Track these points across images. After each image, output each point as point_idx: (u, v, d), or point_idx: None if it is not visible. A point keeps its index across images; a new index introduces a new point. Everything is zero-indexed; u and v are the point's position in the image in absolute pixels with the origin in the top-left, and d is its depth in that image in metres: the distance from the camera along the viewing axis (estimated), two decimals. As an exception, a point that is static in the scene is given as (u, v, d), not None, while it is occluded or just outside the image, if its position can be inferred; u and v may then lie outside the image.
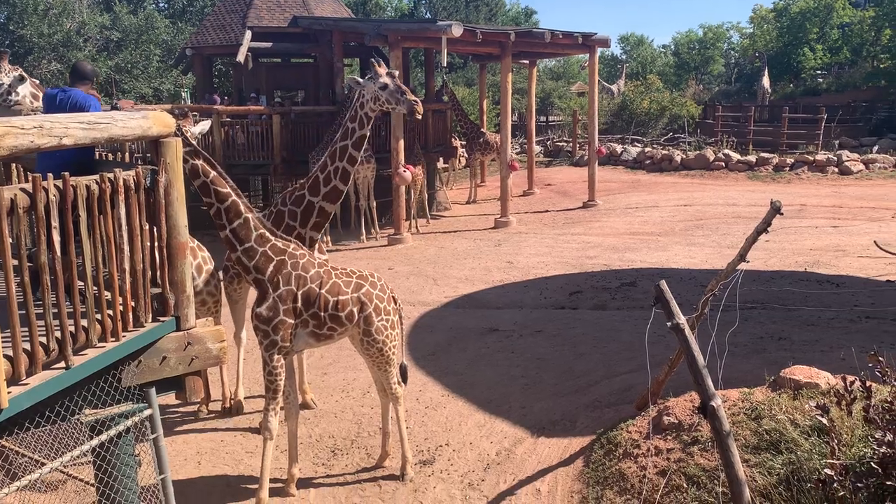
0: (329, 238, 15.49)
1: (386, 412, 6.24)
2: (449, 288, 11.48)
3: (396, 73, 6.68)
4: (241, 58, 17.47)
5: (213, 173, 5.28)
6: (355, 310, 5.59)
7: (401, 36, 14.60)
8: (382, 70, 6.42)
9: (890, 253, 11.34)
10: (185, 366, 4.57)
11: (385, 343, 5.70)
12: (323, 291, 5.48)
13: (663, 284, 4.06)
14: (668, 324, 3.95)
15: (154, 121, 4.28)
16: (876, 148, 24.94)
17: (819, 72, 35.53)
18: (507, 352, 8.67)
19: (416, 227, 16.43)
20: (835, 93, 32.93)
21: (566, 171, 25.65)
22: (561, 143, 30.27)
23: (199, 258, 6.95)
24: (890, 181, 20.24)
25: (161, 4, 39.05)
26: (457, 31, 13.91)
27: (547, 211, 18.77)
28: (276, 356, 5.44)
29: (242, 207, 5.36)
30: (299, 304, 5.45)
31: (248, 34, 17.84)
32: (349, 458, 6.51)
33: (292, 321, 5.45)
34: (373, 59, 6.75)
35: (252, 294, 6.27)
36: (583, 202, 19.02)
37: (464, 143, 22.74)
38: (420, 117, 6.87)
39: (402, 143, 14.67)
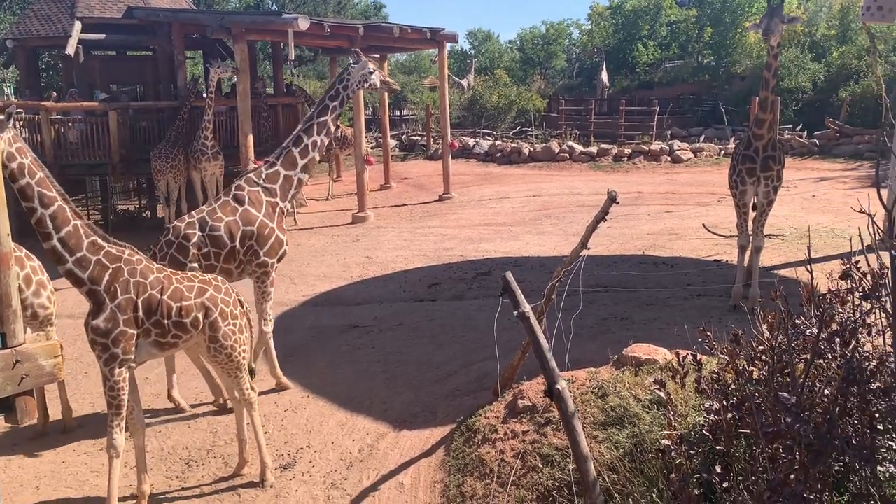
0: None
1: (241, 419, 6.04)
2: (307, 286, 11.30)
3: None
4: (70, 50, 16.27)
5: (39, 174, 4.86)
6: (200, 315, 5.36)
7: (245, 28, 14.14)
8: (368, 61, 7.68)
9: (717, 234, 12.34)
10: (14, 386, 4.21)
11: (234, 348, 5.52)
12: (165, 298, 5.22)
13: (509, 276, 4.20)
14: (515, 313, 4.10)
15: (-37, 120, 3.89)
16: (703, 137, 27.07)
17: (651, 66, 37.99)
18: (368, 348, 8.66)
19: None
20: (666, 86, 35.36)
21: (422, 165, 25.91)
22: (416, 137, 30.52)
23: (28, 268, 6.41)
24: (715, 168, 22.01)
25: (-26, -9, 35.51)
26: (303, 24, 13.66)
27: (404, 204, 18.88)
28: (117, 370, 5.12)
29: (70, 213, 4.98)
30: (140, 313, 5.15)
31: (78, 25, 16.62)
32: (205, 468, 6.26)
33: (134, 331, 5.15)
34: (357, 50, 7.76)
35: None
36: (439, 195, 19.30)
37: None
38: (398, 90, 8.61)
39: (251, 138, 14.24)
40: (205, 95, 14.98)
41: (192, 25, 16.78)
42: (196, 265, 6.92)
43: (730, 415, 3.82)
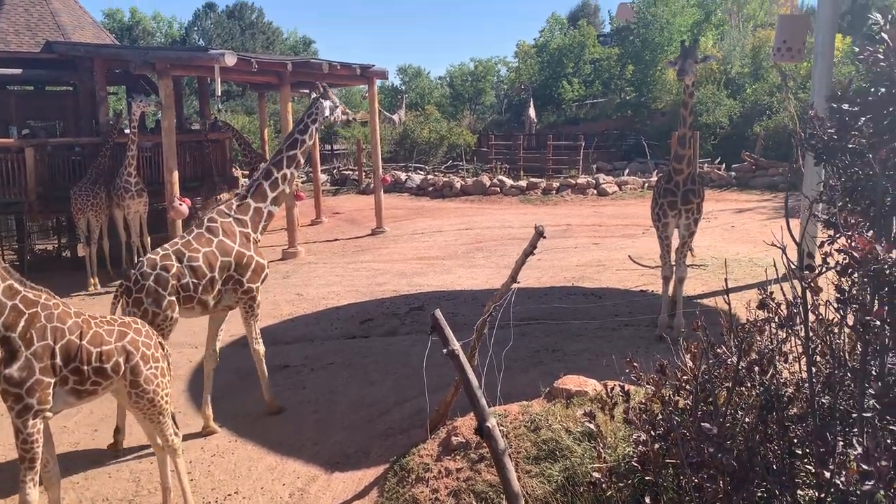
0: (97, 279, 14.27)
1: (164, 466, 5.79)
2: (233, 325, 10.92)
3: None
4: (-17, 85, 15.66)
5: None
6: (121, 360, 5.15)
7: (170, 64, 13.90)
8: (333, 95, 8.06)
9: (642, 265, 12.67)
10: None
11: (156, 393, 5.31)
12: (84, 343, 4.99)
13: (438, 313, 4.20)
14: (444, 351, 4.09)
15: None
16: (626, 171, 27.93)
17: (576, 103, 39.15)
18: (299, 388, 8.48)
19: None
20: (591, 121, 36.48)
21: (354, 200, 25.84)
22: (347, 172, 30.49)
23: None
24: (639, 200, 22.65)
25: None
26: (230, 60, 13.53)
27: (336, 239, 18.75)
28: (31, 421, 4.83)
29: None
30: (58, 360, 4.91)
31: (-8, 59, 16.06)
32: (127, 521, 5.97)
33: (50, 380, 4.89)
34: (323, 84, 8.02)
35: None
36: (371, 229, 19.25)
37: (246, 172, 22.16)
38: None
39: (175, 174, 13.92)
40: (128, 131, 14.63)
41: (115, 61, 16.43)
42: (174, 298, 6.83)
43: (657, 445, 3.89)
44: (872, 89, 3.51)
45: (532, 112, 35.33)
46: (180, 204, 13.78)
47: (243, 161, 21.78)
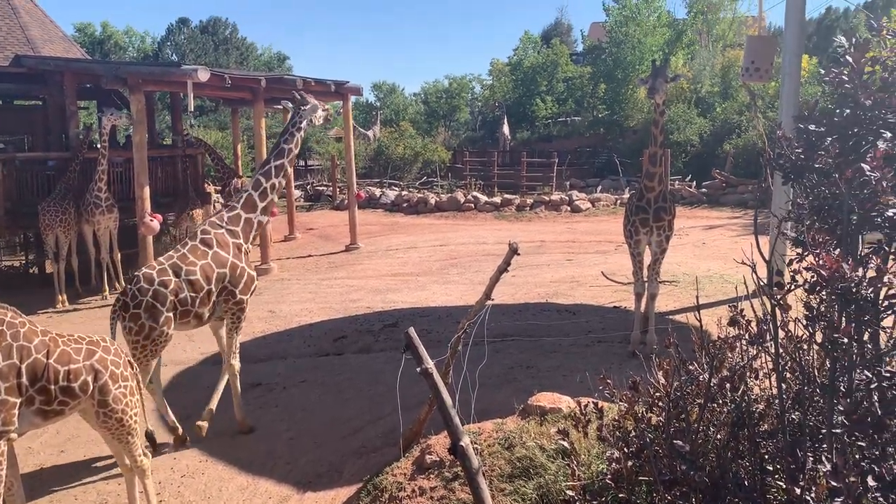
0: (66, 296, 14.02)
1: (132, 487, 5.67)
2: (205, 343, 10.86)
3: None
4: (-51, 98, 15.39)
5: None
6: (89, 379, 5.05)
7: (142, 79, 13.78)
8: (310, 97, 8.08)
9: (614, 282, 12.76)
10: None
11: (125, 412, 5.21)
12: (51, 361, 4.89)
13: (411, 331, 4.18)
14: (418, 369, 4.07)
15: None
16: (599, 188, 28.19)
17: (549, 120, 39.51)
18: (271, 406, 8.39)
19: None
20: (564, 139, 36.81)
21: (328, 215, 25.74)
22: (321, 188, 30.38)
23: None
24: (612, 217, 22.86)
25: None
26: (203, 75, 13.45)
27: (310, 256, 18.63)
28: (-6, 443, 4.73)
29: None
30: (24, 380, 4.80)
31: (-41, 73, 15.80)
32: (93, 544, 5.84)
33: (16, 400, 4.78)
34: (299, 91, 8.20)
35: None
36: (345, 245, 19.17)
37: (218, 188, 22.00)
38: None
39: (147, 189, 13.76)
40: (98, 146, 14.45)
41: (86, 75, 16.24)
42: (171, 314, 6.83)
43: (630, 462, 3.89)
44: (838, 110, 3.58)
45: (506, 129, 35.59)
46: (151, 220, 13.62)
47: (216, 176, 21.62)
